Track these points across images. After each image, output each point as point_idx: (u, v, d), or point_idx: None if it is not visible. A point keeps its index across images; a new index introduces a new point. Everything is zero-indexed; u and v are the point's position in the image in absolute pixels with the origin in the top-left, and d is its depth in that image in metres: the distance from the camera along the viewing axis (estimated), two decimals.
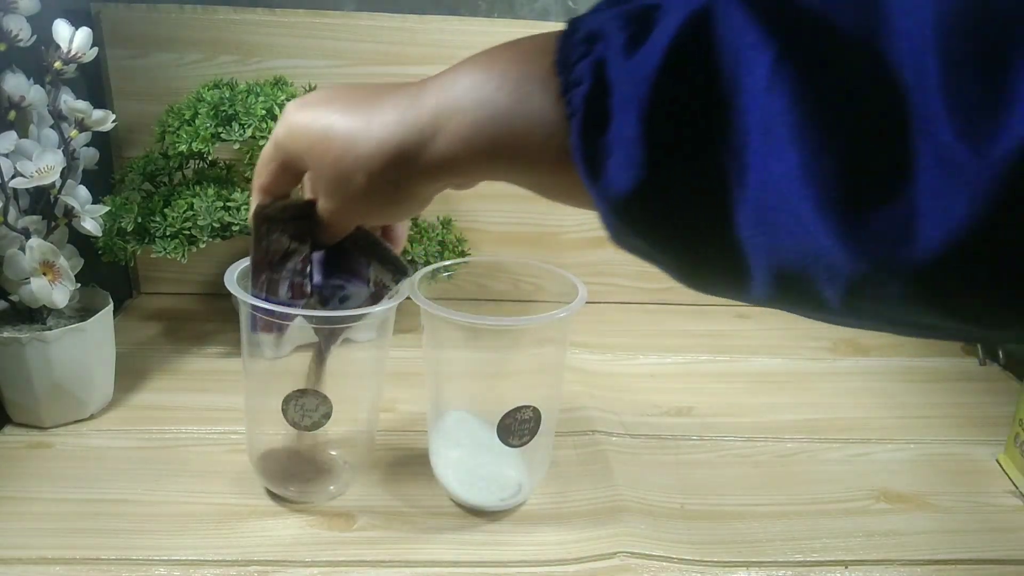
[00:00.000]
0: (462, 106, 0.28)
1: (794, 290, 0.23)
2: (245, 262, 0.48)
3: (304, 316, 0.44)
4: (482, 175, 0.31)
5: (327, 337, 0.46)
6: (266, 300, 0.43)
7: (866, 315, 0.23)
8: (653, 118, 0.23)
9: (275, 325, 0.45)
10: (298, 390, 0.47)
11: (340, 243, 0.41)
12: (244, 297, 0.44)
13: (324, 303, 0.43)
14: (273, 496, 0.52)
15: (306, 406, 0.48)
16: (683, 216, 0.24)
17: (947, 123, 0.17)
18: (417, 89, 0.31)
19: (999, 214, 0.17)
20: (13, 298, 0.56)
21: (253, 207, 0.40)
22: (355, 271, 0.43)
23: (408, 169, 0.31)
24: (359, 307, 0.44)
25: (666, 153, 0.23)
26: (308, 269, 0.42)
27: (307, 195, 0.38)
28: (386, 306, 0.45)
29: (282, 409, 0.48)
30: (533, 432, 0.49)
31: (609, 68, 0.24)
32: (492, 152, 0.28)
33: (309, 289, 0.43)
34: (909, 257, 0.19)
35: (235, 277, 0.45)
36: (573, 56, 0.26)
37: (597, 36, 0.25)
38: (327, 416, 0.48)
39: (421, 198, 0.34)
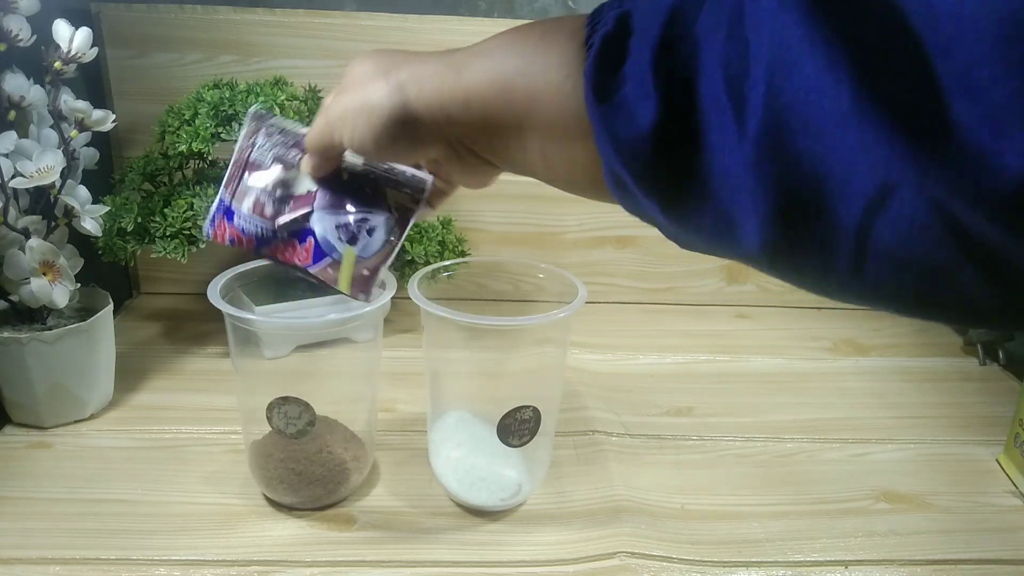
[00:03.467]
0: (488, 50, 0.30)
1: (799, 224, 0.22)
2: (230, 274, 0.49)
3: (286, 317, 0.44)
4: (496, 130, 0.30)
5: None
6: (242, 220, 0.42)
7: (882, 258, 0.21)
8: (666, 48, 0.24)
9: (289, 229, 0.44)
10: (280, 397, 0.47)
11: (352, 179, 0.41)
12: (227, 309, 0.43)
13: (352, 239, 0.43)
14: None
15: (289, 413, 0.47)
16: (687, 145, 0.24)
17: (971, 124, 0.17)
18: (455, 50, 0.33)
19: None
20: (13, 298, 0.56)
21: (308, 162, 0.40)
22: (373, 202, 0.43)
23: (435, 94, 0.31)
24: (387, 234, 0.43)
25: (676, 83, 0.24)
26: (277, 193, 0.42)
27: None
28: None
29: (267, 416, 0.48)
30: (533, 432, 0.49)
31: (633, 16, 0.25)
32: (508, 92, 0.29)
33: (270, 212, 0.43)
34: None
35: (218, 290, 0.45)
36: (605, 10, 0.27)
37: None
38: (311, 424, 0.48)
39: (437, 136, 0.33)
